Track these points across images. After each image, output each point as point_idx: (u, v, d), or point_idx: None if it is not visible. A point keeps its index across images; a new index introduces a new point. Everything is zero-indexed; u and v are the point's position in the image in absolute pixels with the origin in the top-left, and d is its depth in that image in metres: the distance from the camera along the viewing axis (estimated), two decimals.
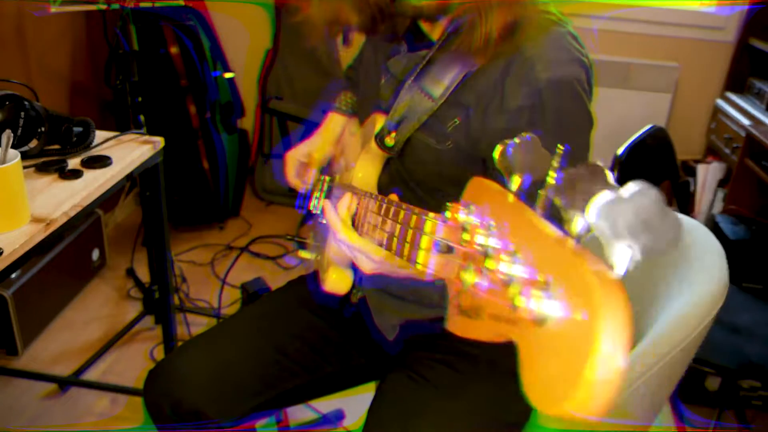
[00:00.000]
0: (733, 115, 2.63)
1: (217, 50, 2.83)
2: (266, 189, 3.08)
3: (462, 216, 0.50)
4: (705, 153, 2.98)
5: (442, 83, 0.87)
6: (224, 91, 2.82)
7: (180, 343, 1.85)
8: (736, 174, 2.46)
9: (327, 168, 1.19)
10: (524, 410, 1.00)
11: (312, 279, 1.10)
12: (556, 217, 0.41)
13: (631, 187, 0.36)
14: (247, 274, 2.39)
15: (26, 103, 1.29)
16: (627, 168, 1.73)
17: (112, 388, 1.89)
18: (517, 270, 0.41)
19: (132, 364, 2.01)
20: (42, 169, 1.29)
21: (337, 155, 1.15)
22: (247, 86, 3.04)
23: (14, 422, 1.77)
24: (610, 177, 0.39)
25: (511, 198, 0.46)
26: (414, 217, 0.63)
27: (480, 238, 0.46)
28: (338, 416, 1.78)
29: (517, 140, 0.46)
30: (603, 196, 0.36)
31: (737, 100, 2.69)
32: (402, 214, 0.67)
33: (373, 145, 0.93)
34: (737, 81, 2.80)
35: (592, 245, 0.40)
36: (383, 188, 0.97)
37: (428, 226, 0.59)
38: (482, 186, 0.50)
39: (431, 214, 0.59)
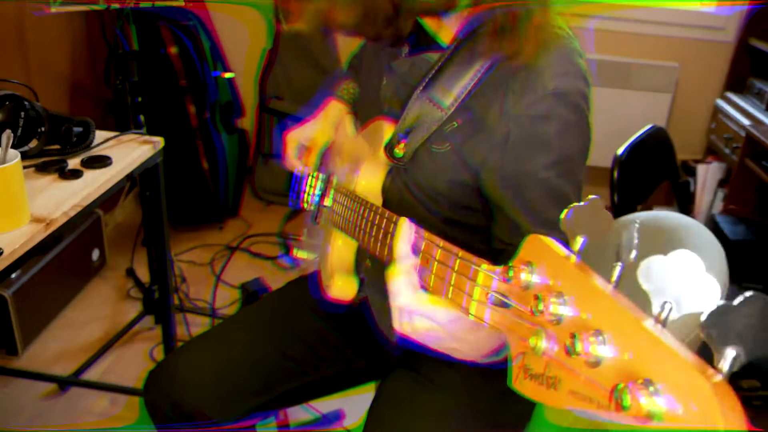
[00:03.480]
0: (733, 115, 2.63)
1: (216, 50, 2.83)
2: (265, 189, 3.08)
3: (523, 276, 0.49)
4: (705, 153, 2.98)
5: (451, 93, 0.86)
6: (224, 91, 2.82)
7: (180, 344, 1.86)
8: (736, 174, 2.46)
9: (322, 162, 1.17)
10: (525, 411, 1.00)
11: (313, 283, 1.09)
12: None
13: (744, 295, 0.38)
14: (247, 274, 2.39)
15: (26, 103, 1.29)
16: (627, 168, 1.73)
17: (112, 388, 1.88)
18: (605, 351, 0.41)
19: (132, 364, 2.01)
20: (42, 169, 1.29)
21: (331, 156, 1.14)
22: (247, 86, 3.03)
23: (14, 422, 1.77)
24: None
25: (573, 260, 0.46)
26: (459, 262, 0.61)
27: (551, 306, 0.46)
28: (338, 416, 1.78)
29: (581, 203, 0.47)
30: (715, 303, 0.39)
31: (737, 100, 2.69)
32: (446, 255, 0.64)
33: (380, 154, 0.93)
34: (737, 81, 2.81)
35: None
36: (386, 194, 0.96)
37: (481, 278, 0.57)
38: (540, 245, 0.50)
39: (484, 266, 0.57)
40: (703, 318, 0.38)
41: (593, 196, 0.48)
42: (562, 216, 0.47)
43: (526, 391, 0.48)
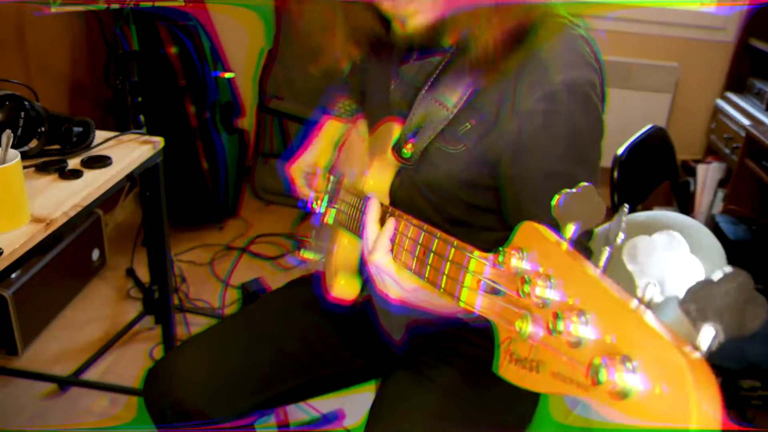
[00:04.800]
0: (733, 115, 2.63)
1: (216, 50, 2.83)
2: (265, 189, 3.08)
3: (514, 261, 0.50)
4: (705, 153, 2.98)
5: (456, 92, 0.86)
6: (224, 91, 2.82)
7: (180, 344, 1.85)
8: (736, 174, 2.46)
9: (332, 168, 1.18)
10: (527, 411, 1.00)
11: (317, 283, 1.09)
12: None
13: (723, 271, 0.37)
14: (247, 274, 2.39)
15: (26, 103, 1.28)
16: (627, 168, 1.73)
17: (111, 388, 1.88)
18: (586, 332, 0.41)
19: (132, 364, 2.01)
20: (42, 169, 1.29)
21: (343, 158, 1.15)
22: (247, 86, 3.04)
23: (14, 422, 1.77)
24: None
25: (565, 247, 0.46)
26: (454, 251, 0.62)
27: (538, 289, 0.46)
28: (338, 416, 1.78)
29: (573, 189, 0.47)
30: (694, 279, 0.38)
31: (737, 100, 2.69)
32: (443, 246, 0.65)
33: (388, 154, 0.93)
34: (737, 81, 2.81)
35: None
36: (395, 194, 0.96)
37: (473, 265, 0.58)
38: (534, 232, 0.50)
39: (477, 253, 0.58)
40: (682, 294, 0.38)
41: (586, 183, 0.48)
42: (554, 202, 0.47)
43: (510, 375, 0.48)
